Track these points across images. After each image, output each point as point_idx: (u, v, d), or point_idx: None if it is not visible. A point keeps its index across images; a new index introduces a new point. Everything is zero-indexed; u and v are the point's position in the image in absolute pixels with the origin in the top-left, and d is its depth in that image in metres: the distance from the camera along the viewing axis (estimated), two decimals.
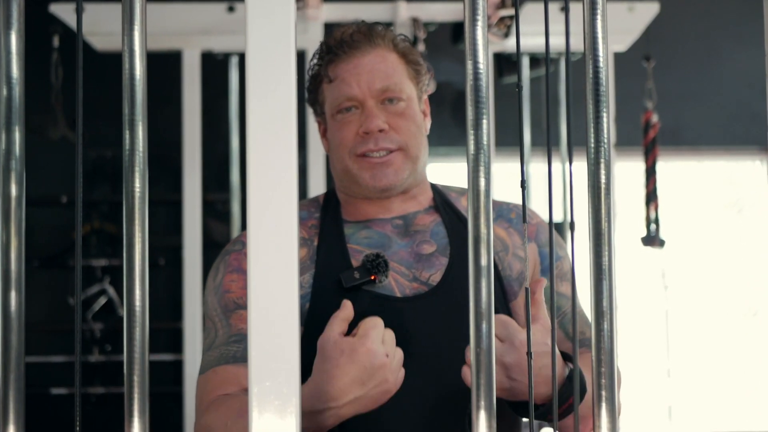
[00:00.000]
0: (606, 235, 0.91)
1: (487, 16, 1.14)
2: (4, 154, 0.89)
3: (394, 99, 1.59)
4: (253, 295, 0.86)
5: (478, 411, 0.88)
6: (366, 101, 1.58)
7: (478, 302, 0.89)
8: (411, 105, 1.61)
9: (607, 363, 0.91)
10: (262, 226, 0.86)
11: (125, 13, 0.90)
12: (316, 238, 1.60)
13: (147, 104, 0.91)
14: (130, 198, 0.90)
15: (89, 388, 3.84)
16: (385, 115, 1.58)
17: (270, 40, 0.87)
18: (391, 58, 1.61)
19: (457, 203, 1.68)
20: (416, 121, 1.61)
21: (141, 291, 0.90)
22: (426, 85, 1.67)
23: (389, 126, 1.57)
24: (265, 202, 0.86)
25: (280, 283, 0.86)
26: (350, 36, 1.60)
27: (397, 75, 1.60)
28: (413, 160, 1.60)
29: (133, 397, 0.88)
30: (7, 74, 0.89)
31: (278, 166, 0.86)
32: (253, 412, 0.84)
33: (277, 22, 0.87)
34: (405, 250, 1.59)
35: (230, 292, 1.56)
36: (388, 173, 1.58)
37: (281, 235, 0.86)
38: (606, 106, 0.91)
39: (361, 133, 1.58)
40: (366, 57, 1.59)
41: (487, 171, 0.89)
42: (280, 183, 0.86)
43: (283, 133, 0.87)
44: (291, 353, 0.85)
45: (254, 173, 0.87)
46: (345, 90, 1.59)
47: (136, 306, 0.89)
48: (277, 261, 0.86)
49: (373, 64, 1.59)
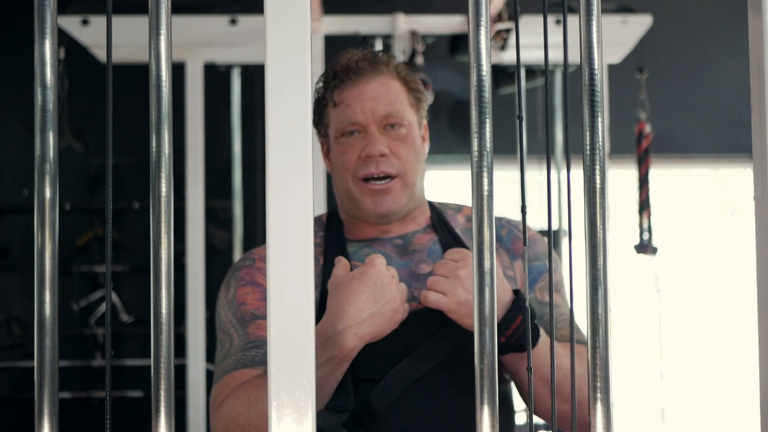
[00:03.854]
0: (601, 237, 0.94)
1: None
2: (40, 157, 0.92)
3: (395, 125, 1.67)
4: (272, 314, 0.89)
5: (482, 407, 0.91)
6: (369, 126, 1.66)
7: (482, 308, 0.92)
8: (411, 131, 1.69)
9: (603, 367, 0.94)
10: (281, 250, 0.89)
11: (152, 21, 0.94)
12: (322, 257, 1.67)
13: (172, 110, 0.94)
14: (157, 201, 0.92)
15: (92, 392, 3.88)
16: (386, 140, 1.66)
17: (287, 53, 0.91)
18: (394, 86, 1.69)
19: (453, 221, 1.75)
20: (415, 147, 1.69)
21: (167, 292, 0.90)
22: (426, 110, 1.75)
23: (390, 151, 1.65)
24: (283, 220, 0.90)
25: (296, 301, 0.89)
26: (356, 63, 1.68)
27: (399, 102, 1.68)
28: (410, 186, 1.68)
29: (160, 398, 0.90)
30: (42, 80, 0.93)
31: (294, 179, 0.90)
32: (272, 424, 0.88)
33: (294, 37, 0.91)
34: (404, 270, 1.66)
35: (246, 304, 1.62)
36: (387, 200, 1.66)
37: (298, 255, 0.90)
38: (601, 113, 0.95)
39: (363, 157, 1.65)
40: (370, 84, 1.67)
41: (489, 174, 0.92)
42: (296, 196, 0.90)
43: (299, 140, 0.91)
44: (307, 369, 0.89)
45: (272, 196, 0.91)
46: (349, 115, 1.66)
47: (162, 308, 0.90)
48: (294, 280, 0.89)
49: (377, 91, 1.67)
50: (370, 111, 1.66)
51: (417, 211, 1.74)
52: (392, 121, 1.67)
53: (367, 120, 1.66)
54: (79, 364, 3.94)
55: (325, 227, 1.74)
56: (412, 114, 1.70)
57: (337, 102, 1.68)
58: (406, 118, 1.68)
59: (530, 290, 1.69)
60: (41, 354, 0.90)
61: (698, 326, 4.50)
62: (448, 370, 1.57)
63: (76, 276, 4.03)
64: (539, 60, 3.63)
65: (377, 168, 1.64)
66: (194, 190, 3.46)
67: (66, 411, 3.78)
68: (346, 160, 1.67)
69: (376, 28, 3.45)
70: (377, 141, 1.64)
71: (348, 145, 1.67)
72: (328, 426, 1.42)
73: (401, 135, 1.67)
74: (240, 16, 3.43)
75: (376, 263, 1.49)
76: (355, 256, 1.68)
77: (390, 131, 1.67)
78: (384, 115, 1.66)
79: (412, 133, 1.69)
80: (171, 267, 0.91)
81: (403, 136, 1.67)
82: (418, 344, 1.57)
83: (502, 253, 1.71)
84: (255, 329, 1.58)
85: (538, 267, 1.71)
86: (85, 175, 4.11)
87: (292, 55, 0.91)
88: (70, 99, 3.52)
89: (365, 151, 1.65)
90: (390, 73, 1.70)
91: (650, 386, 4.41)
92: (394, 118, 1.67)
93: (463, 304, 1.47)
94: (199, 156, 3.46)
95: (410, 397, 1.55)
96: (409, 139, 1.68)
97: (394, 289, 1.48)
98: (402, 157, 1.66)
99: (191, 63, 3.47)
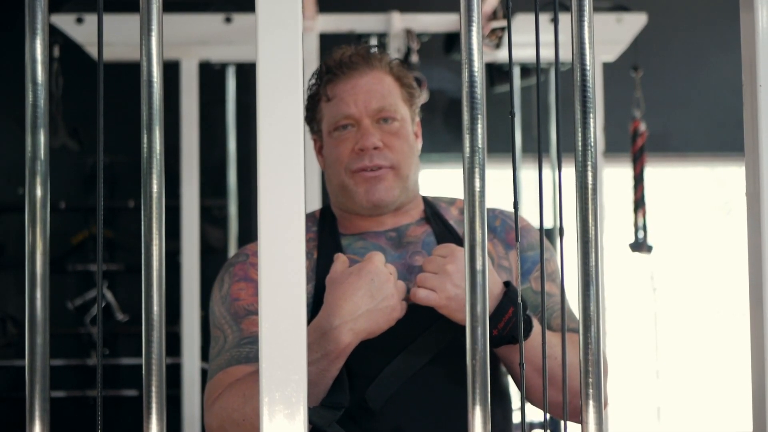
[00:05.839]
0: (593, 234, 0.94)
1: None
2: (31, 155, 0.92)
3: (388, 119, 1.67)
4: (264, 310, 0.90)
5: (474, 406, 0.92)
6: (362, 120, 1.66)
7: (474, 305, 0.92)
8: (404, 125, 1.69)
9: (594, 363, 0.94)
10: (273, 246, 0.91)
11: (143, 19, 0.93)
12: (315, 251, 1.67)
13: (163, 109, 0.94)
14: (149, 199, 0.92)
15: (87, 391, 3.88)
16: (379, 133, 1.65)
17: (279, 52, 0.91)
18: (387, 81, 1.69)
19: (446, 213, 1.75)
20: (408, 141, 1.69)
21: (159, 290, 0.90)
22: (419, 107, 1.75)
23: (383, 144, 1.65)
24: (274, 217, 0.91)
25: (288, 298, 0.90)
26: (349, 58, 1.69)
27: (392, 96, 1.68)
28: (403, 179, 1.67)
29: (152, 396, 0.90)
30: (32, 79, 0.92)
31: (286, 177, 0.91)
32: (263, 420, 0.88)
33: (286, 36, 0.91)
34: (398, 262, 1.65)
35: (239, 300, 1.62)
36: (379, 189, 1.65)
37: (289, 252, 0.91)
38: (593, 111, 0.95)
39: (356, 150, 1.65)
40: (363, 78, 1.67)
41: (481, 172, 0.93)
42: (288, 193, 0.91)
43: (291, 139, 0.91)
44: (299, 365, 0.89)
45: (264, 192, 0.92)
46: (343, 108, 1.66)
47: (154, 306, 0.90)
48: (286, 276, 0.90)
49: (370, 85, 1.67)
50: (364, 104, 1.66)
51: (410, 205, 1.73)
52: (385, 115, 1.67)
53: (361, 113, 1.66)
54: (74, 363, 3.93)
55: (319, 222, 1.74)
56: (405, 109, 1.70)
57: (330, 96, 1.68)
58: (399, 113, 1.68)
59: (525, 280, 1.68)
60: (32, 352, 0.90)
61: (694, 325, 4.50)
62: (443, 362, 1.57)
63: (71, 275, 4.03)
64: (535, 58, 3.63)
65: (371, 161, 1.64)
66: (189, 189, 3.46)
67: (61, 410, 3.78)
68: (340, 153, 1.67)
69: (371, 27, 3.46)
70: (371, 134, 1.64)
71: (341, 138, 1.67)
72: (322, 422, 1.42)
73: (394, 129, 1.67)
74: (235, 14, 3.43)
75: (374, 260, 1.49)
76: (348, 249, 1.67)
77: (383, 125, 1.67)
78: (377, 108, 1.66)
79: (405, 128, 1.69)
80: (163, 265, 0.91)
81: (396, 130, 1.67)
82: (413, 339, 1.57)
83: (496, 244, 1.71)
84: (249, 325, 1.58)
85: (533, 257, 1.71)
86: (80, 174, 4.10)
87: (284, 54, 0.92)
88: (64, 97, 3.52)
89: (359, 144, 1.65)
90: (383, 69, 1.70)
91: (646, 385, 4.41)
92: (387, 111, 1.67)
93: (453, 299, 1.47)
94: (194, 154, 3.47)
95: (406, 391, 1.55)
96: (402, 134, 1.68)
97: (392, 286, 1.48)
98: (395, 149, 1.66)
99: (186, 61, 3.47)
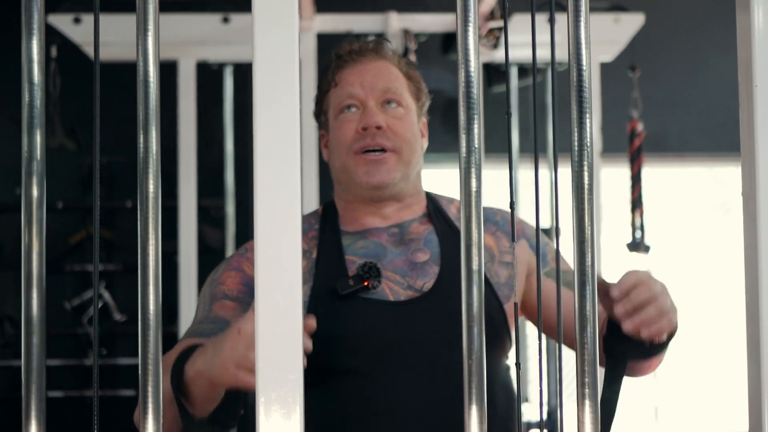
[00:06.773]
0: (590, 234, 0.94)
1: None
2: (27, 155, 0.92)
3: (393, 101, 1.68)
4: (260, 310, 0.90)
5: (470, 406, 0.93)
6: (367, 101, 1.67)
7: (470, 305, 0.92)
8: (409, 114, 1.70)
9: (590, 363, 0.94)
10: (269, 246, 0.90)
11: (139, 20, 0.95)
12: (315, 250, 1.67)
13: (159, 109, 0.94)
14: (145, 199, 0.95)
15: (84, 391, 3.88)
16: (384, 116, 1.66)
17: (276, 52, 0.92)
18: (395, 71, 1.72)
19: (447, 211, 1.75)
20: (413, 129, 1.70)
21: (155, 290, 0.94)
22: (426, 106, 1.76)
23: (387, 126, 1.66)
24: (271, 216, 0.90)
25: (284, 298, 0.90)
26: (359, 47, 1.72)
27: (398, 83, 1.70)
28: (405, 164, 1.67)
29: (148, 396, 0.91)
30: (29, 80, 0.93)
31: (283, 177, 0.91)
32: (259, 419, 0.88)
33: (283, 35, 0.92)
34: (400, 259, 1.65)
35: (223, 284, 1.64)
36: (381, 170, 1.64)
37: (285, 252, 0.91)
38: (589, 111, 0.95)
39: (359, 130, 1.66)
40: (371, 64, 1.70)
41: (478, 172, 0.93)
42: (285, 193, 0.91)
43: (288, 137, 0.91)
44: (295, 364, 0.89)
45: (260, 191, 0.92)
46: (348, 89, 1.68)
47: (150, 306, 0.94)
48: (282, 276, 0.90)
49: (377, 69, 1.70)
50: (369, 86, 1.68)
51: (413, 199, 1.73)
52: (390, 97, 1.68)
53: (366, 94, 1.67)
54: (71, 363, 3.93)
55: (321, 219, 1.74)
56: (411, 101, 1.72)
57: (338, 81, 1.71)
58: (405, 100, 1.70)
59: (545, 263, 1.71)
60: (29, 353, 0.90)
61: (692, 325, 4.50)
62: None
63: (69, 275, 4.03)
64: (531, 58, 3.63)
65: (373, 140, 1.65)
66: (187, 189, 3.46)
67: (58, 410, 3.78)
68: (343, 134, 1.68)
69: (369, 27, 3.46)
70: (375, 114, 1.65)
71: (345, 120, 1.68)
72: None
73: (399, 113, 1.68)
74: (232, 14, 3.43)
75: (244, 322, 1.32)
76: (349, 249, 1.67)
77: (388, 108, 1.68)
78: (383, 89, 1.68)
79: (410, 116, 1.70)
80: (159, 265, 0.93)
81: (401, 115, 1.68)
82: (407, 336, 1.57)
83: (500, 237, 1.71)
84: (219, 308, 1.60)
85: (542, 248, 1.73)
86: (78, 174, 4.10)
87: (281, 54, 0.92)
88: (62, 98, 3.51)
89: (362, 123, 1.65)
90: (392, 61, 1.73)
91: (644, 385, 4.42)
92: (393, 93, 1.68)
93: (671, 309, 1.47)
94: (192, 154, 3.46)
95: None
96: (406, 120, 1.69)
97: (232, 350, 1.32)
98: (399, 133, 1.66)
99: (183, 61, 3.47)
